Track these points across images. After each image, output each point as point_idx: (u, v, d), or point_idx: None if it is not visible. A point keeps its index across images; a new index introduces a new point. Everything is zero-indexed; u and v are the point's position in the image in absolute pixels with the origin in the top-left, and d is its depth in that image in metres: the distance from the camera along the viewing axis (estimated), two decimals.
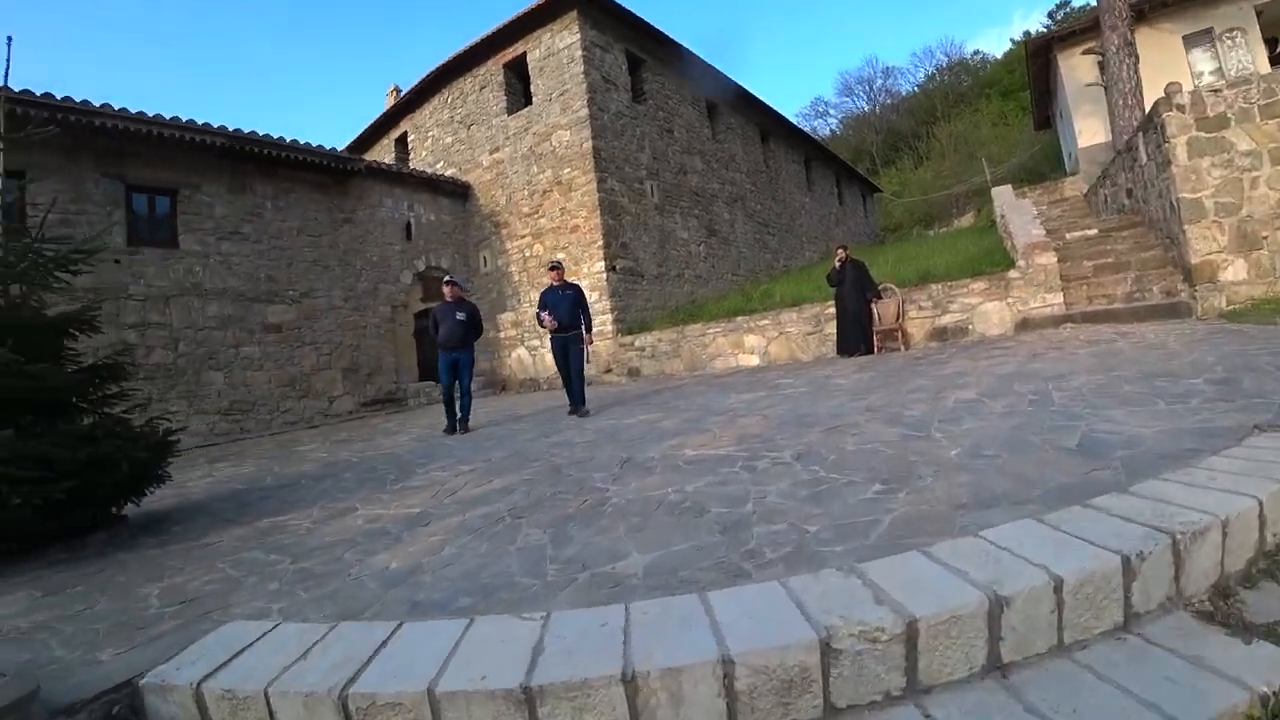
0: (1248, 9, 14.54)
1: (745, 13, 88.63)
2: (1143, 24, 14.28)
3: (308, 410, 11.54)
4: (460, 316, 7.33)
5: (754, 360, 10.90)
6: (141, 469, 4.27)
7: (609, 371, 12.72)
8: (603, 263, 12.76)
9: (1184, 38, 15.01)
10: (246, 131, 10.90)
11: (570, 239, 13.29)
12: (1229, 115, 7.49)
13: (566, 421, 6.80)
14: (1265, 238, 7.37)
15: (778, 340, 10.75)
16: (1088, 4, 25.37)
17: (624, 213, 13.36)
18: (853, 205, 27.28)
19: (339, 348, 12.17)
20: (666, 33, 14.76)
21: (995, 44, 70.34)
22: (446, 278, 7.56)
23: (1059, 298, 8.70)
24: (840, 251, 9.89)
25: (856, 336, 9.47)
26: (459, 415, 7.29)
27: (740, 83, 17.56)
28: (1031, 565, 1.79)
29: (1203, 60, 14.90)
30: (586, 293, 12.70)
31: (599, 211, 12.77)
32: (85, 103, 9.42)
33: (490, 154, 14.88)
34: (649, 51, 14.89)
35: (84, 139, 9.61)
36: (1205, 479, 2.35)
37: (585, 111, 12.89)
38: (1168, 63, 14.22)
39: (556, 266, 7.44)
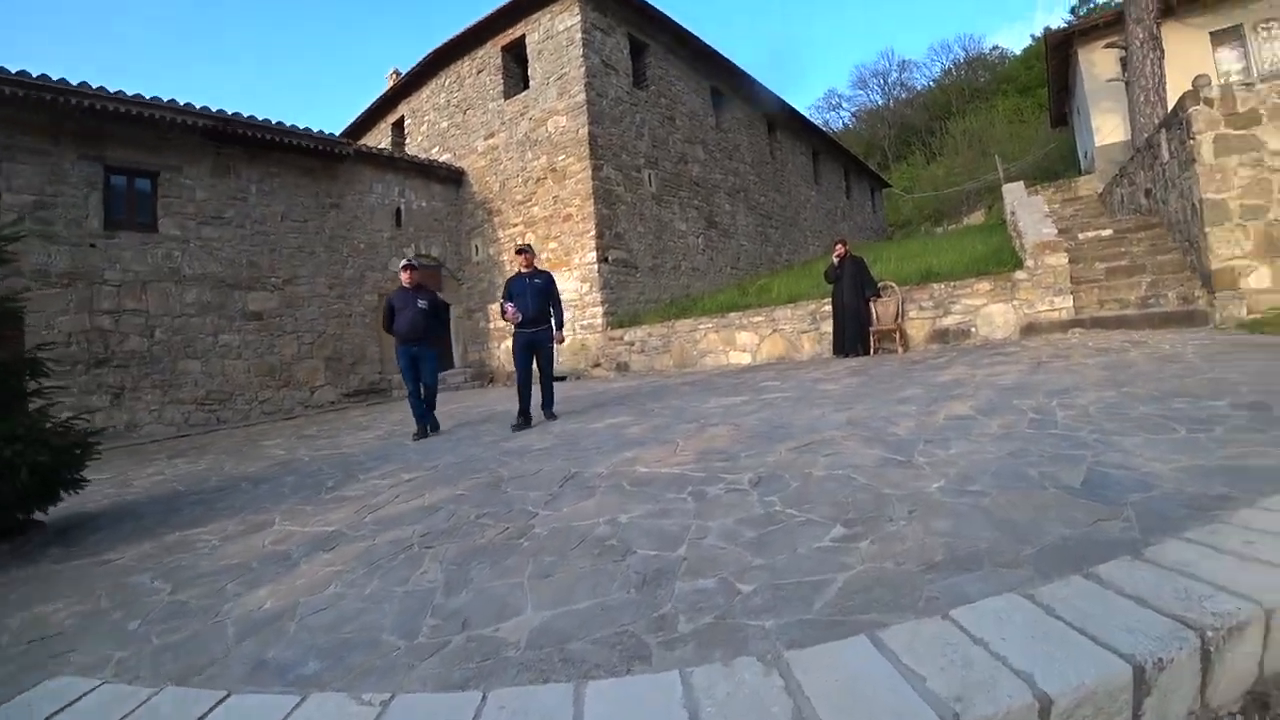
0: None
1: (763, 6, 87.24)
2: (1169, 18, 13.52)
3: (287, 401, 11.15)
4: (422, 304, 6.42)
5: (745, 358, 10.42)
6: (47, 473, 3.85)
7: (597, 366, 12.28)
8: (595, 253, 12.27)
9: (1211, 34, 14.14)
10: (231, 113, 10.47)
11: (563, 228, 12.82)
12: (1261, 111, 6.87)
13: (534, 421, 6.32)
14: None
15: (771, 338, 10.25)
16: (1111, 2, 24.55)
17: (619, 202, 12.86)
18: (860, 200, 26.58)
19: (322, 336, 11.76)
20: (673, 17, 14.20)
21: (1015, 40, 68.69)
22: (404, 260, 6.83)
23: (1068, 301, 8.16)
24: (839, 247, 9.37)
25: (854, 337, 8.97)
26: (425, 417, 6.53)
27: (748, 72, 16.98)
28: (1011, 673, 1.31)
29: (1230, 59, 14.08)
30: (577, 283, 12.37)
31: (593, 200, 12.28)
32: (63, 81, 9.02)
33: (485, 139, 14.41)
34: (653, 36, 14.33)
35: (63, 118, 9.23)
36: (1240, 543, 1.86)
37: (583, 96, 12.38)
38: (1193, 60, 13.35)
39: (525, 250, 6.42)
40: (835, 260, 9.27)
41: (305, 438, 7.73)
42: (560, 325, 6.55)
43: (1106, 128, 15.64)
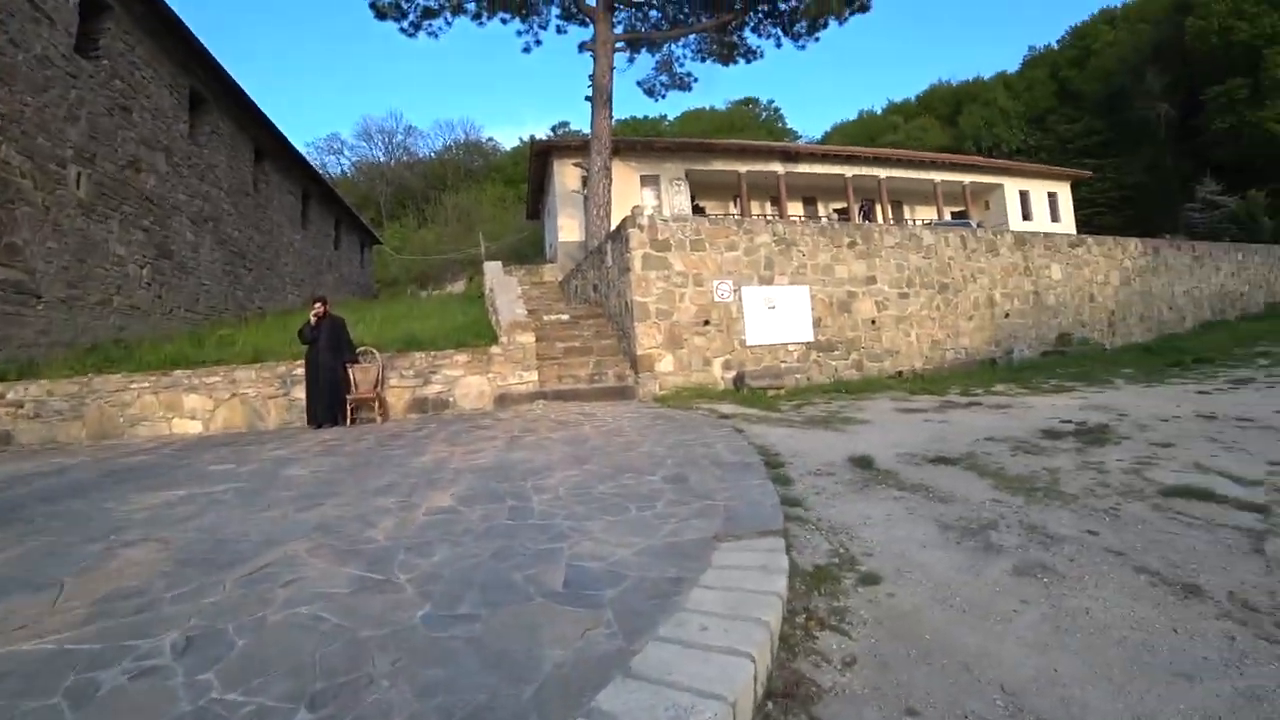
0: (682, 169, 20.33)
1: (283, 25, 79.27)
2: (618, 157, 17.80)
3: None
4: None
5: (195, 428, 8.42)
6: None
7: None
8: None
9: (641, 177, 19.83)
10: None
11: None
12: (671, 241, 9.37)
13: None
14: (686, 340, 9.30)
15: (230, 404, 8.57)
16: (582, 130, 30.89)
17: (21, 200, 8.94)
18: (350, 252, 25.78)
19: None
20: None
21: (508, 137, 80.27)
22: None
23: (534, 375, 9.23)
24: (318, 305, 8.58)
25: (330, 405, 8.22)
26: None
27: (243, 86, 14.63)
28: None
29: (650, 198, 19.54)
30: None
31: None
32: None
33: None
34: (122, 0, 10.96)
35: None
36: (699, 631, 2.11)
37: None
38: (629, 192, 18.09)
39: None
40: (313, 319, 8.42)
41: None
42: None
43: (568, 228, 19.27)
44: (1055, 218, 25.49)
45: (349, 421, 8.29)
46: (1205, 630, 2.32)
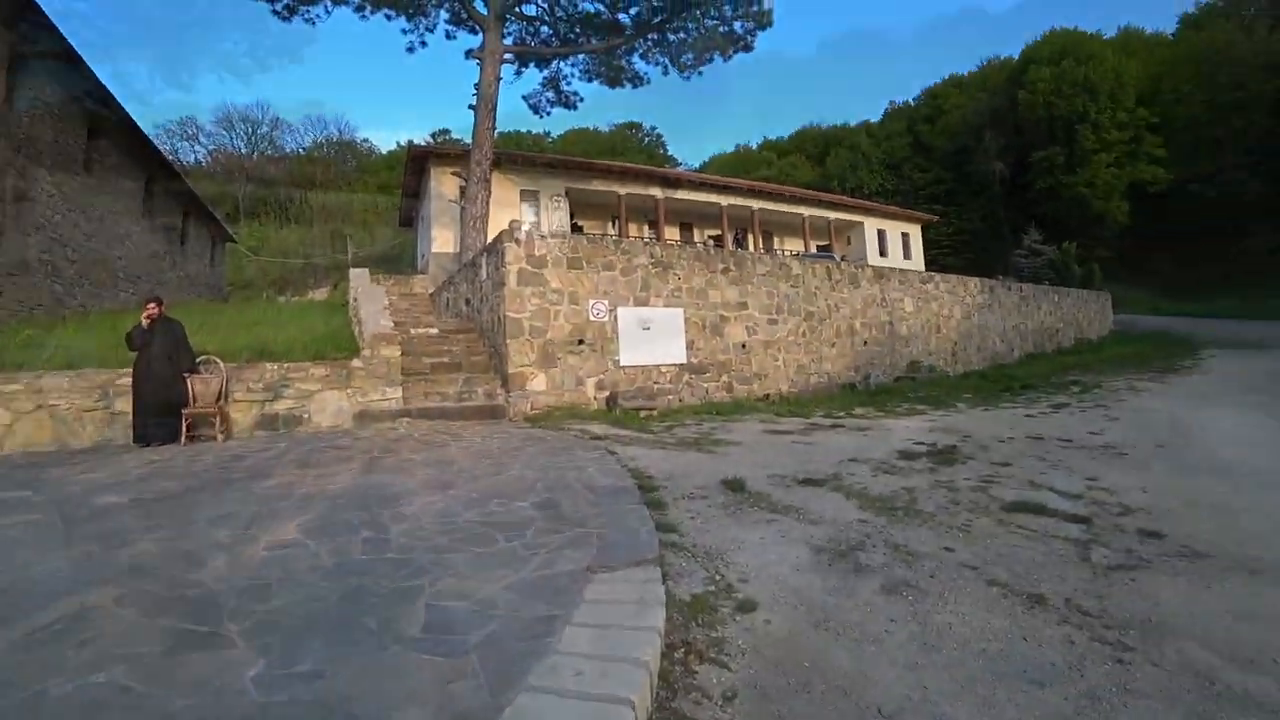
0: (563, 186, 20.21)
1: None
2: (498, 169, 17.46)
3: None
4: None
5: None
6: None
7: None
8: None
9: (521, 191, 19.57)
10: None
11: None
12: (548, 258, 9.18)
13: None
14: (560, 359, 9.12)
15: (34, 416, 7.35)
16: (462, 139, 29.84)
17: None
18: (199, 250, 23.31)
19: None
20: None
21: (384, 141, 76.57)
22: None
23: (399, 392, 8.70)
24: (151, 306, 7.63)
25: (161, 421, 7.28)
26: None
27: (78, 50, 12.73)
28: None
29: (529, 213, 19.24)
30: None
31: None
32: None
33: None
34: None
35: None
36: (574, 678, 1.95)
37: None
38: (508, 206, 17.81)
39: None
40: (145, 322, 7.47)
41: None
42: None
43: (442, 239, 18.55)
44: (908, 255, 27.84)
45: (184, 440, 7.38)
46: (1050, 637, 2.48)
